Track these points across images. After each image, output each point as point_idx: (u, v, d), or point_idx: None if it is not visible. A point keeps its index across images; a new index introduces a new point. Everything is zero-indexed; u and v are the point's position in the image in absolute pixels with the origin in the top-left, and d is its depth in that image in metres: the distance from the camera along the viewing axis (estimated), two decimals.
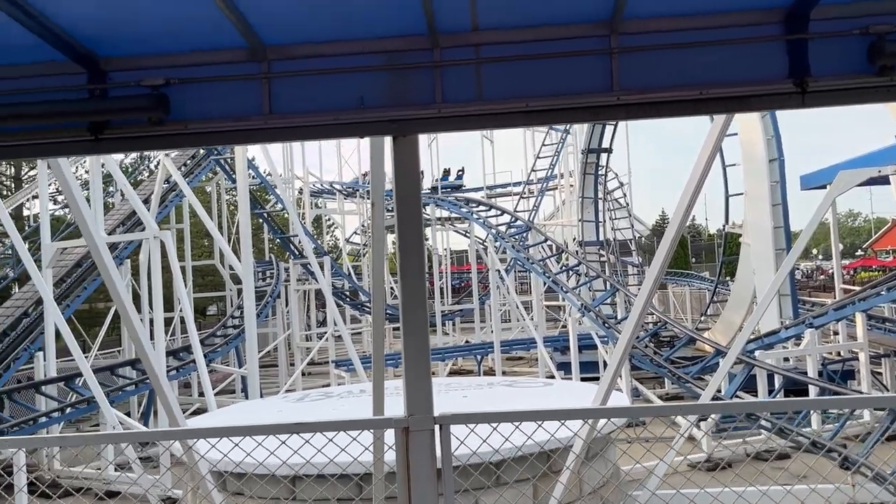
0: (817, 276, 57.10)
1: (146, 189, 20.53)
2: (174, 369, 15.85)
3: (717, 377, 9.46)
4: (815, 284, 46.50)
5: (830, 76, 3.17)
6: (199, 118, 3.36)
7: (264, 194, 31.32)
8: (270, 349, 24.96)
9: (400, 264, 3.39)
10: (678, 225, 6.06)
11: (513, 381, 13.12)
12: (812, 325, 14.05)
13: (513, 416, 3.37)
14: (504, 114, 3.34)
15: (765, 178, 18.64)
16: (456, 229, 32.51)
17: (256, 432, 3.31)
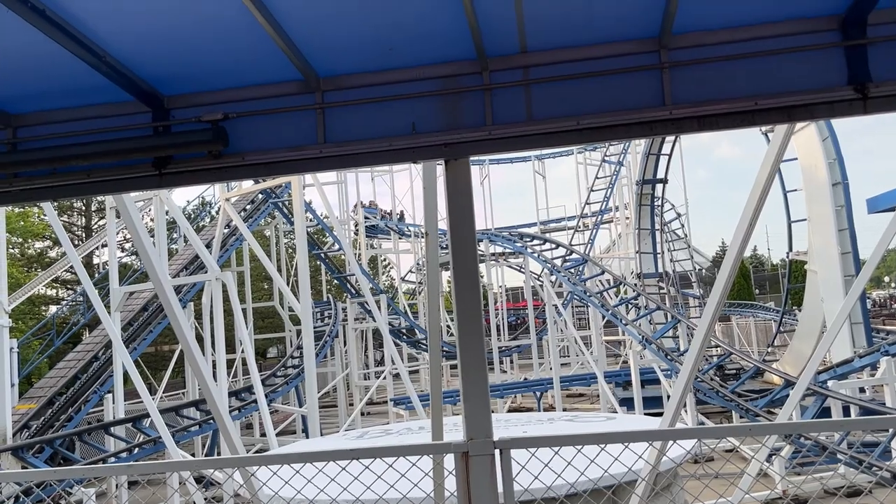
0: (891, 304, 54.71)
1: (208, 234, 21.14)
2: (236, 409, 16.08)
3: (787, 407, 9.09)
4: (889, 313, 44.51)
5: (892, 80, 3.08)
6: (256, 150, 3.47)
7: (321, 236, 31.87)
8: (329, 389, 25.11)
9: (455, 285, 3.39)
10: (738, 250, 5.91)
11: (574, 415, 12.86)
12: (888, 352, 13.40)
13: (575, 440, 3.29)
14: (555, 133, 3.34)
15: (829, 202, 18.08)
16: (510, 265, 32.37)
17: (316, 459, 3.31)
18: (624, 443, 3.24)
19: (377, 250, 34.87)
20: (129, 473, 3.18)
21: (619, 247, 31.81)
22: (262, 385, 16.03)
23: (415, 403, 15.14)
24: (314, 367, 14.02)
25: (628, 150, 30.65)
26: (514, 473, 3.30)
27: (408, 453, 3.33)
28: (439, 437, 4.67)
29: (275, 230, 27.79)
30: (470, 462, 3.25)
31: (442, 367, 13.68)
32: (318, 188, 18.37)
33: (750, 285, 53.90)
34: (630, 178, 29.88)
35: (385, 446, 3.33)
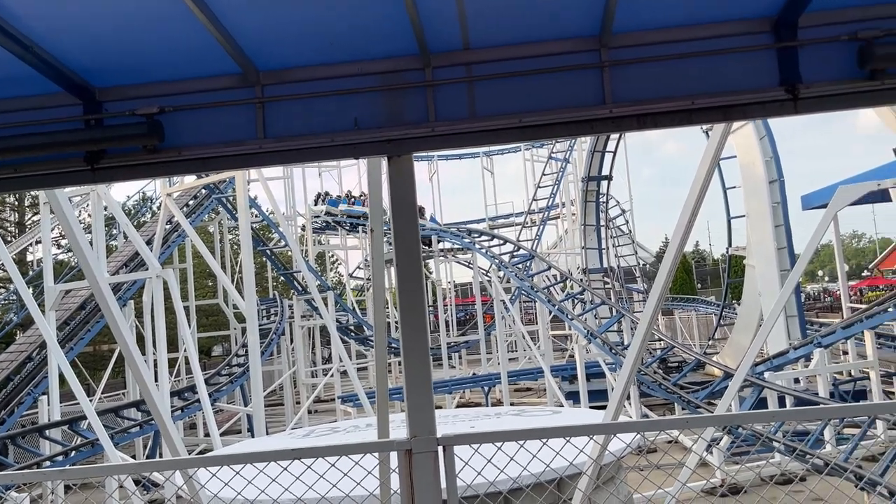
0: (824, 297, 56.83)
1: (149, 230, 20.62)
2: (179, 409, 15.73)
3: (725, 398, 9.35)
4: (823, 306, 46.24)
5: (821, 82, 3.18)
6: (193, 144, 3.38)
7: (267, 232, 31.44)
8: (276, 387, 24.79)
9: (398, 281, 3.37)
10: (678, 246, 6.03)
11: (520, 410, 12.97)
12: (821, 344, 13.91)
13: (518, 435, 3.31)
14: (498, 130, 3.35)
15: (765, 199, 18.66)
16: (458, 261, 32.49)
17: (257, 459, 3.26)
18: (565, 437, 3.28)
19: (325, 246, 34.56)
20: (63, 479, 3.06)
21: (566, 242, 32.26)
22: (206, 384, 15.73)
23: (362, 401, 15.07)
24: (259, 365, 13.82)
25: (574, 148, 31.08)
26: (457, 470, 3.31)
27: (350, 452, 3.31)
28: (385, 434, 4.64)
29: (219, 226, 27.28)
30: (413, 459, 3.24)
31: (389, 363, 13.68)
32: (262, 183, 18.10)
33: (692, 280, 55.29)
34: (576, 175, 30.31)
35: (327, 445, 3.29)
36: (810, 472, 10.24)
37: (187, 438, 18.46)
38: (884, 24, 3.05)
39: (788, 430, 11.83)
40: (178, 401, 16.45)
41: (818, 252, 38.51)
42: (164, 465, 3.62)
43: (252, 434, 15.37)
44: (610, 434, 4.44)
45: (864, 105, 3.32)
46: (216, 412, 17.81)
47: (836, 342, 14.67)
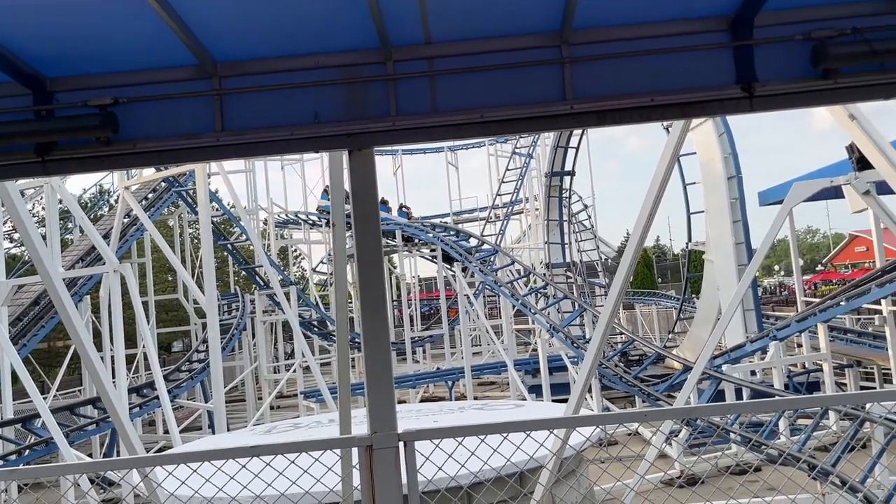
0: (780, 291, 58.13)
1: (106, 224, 20.17)
2: (137, 406, 15.45)
3: (684, 391, 9.51)
4: (779, 300, 47.29)
5: (776, 80, 3.24)
6: (149, 137, 3.31)
7: (228, 226, 31.03)
8: (237, 383, 24.51)
9: (359, 276, 3.35)
10: (638, 240, 6.11)
11: (483, 404, 13.04)
12: (776, 337, 14.22)
13: (478, 430, 3.31)
14: (459, 125, 3.34)
15: (724, 195, 19.01)
16: (423, 255, 32.48)
17: (215, 457, 3.21)
18: (525, 431, 3.29)
19: (287, 241, 34.23)
20: (14, 479, 2.97)
21: (529, 237, 32.44)
22: (166, 380, 15.46)
23: (325, 396, 14.98)
24: (220, 360, 13.63)
25: (538, 143, 31.24)
26: (418, 465, 3.30)
27: (310, 449, 3.28)
28: (347, 430, 4.61)
29: (179, 220, 26.82)
30: (374, 456, 3.23)
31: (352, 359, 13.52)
32: (223, 177, 17.83)
33: (653, 274, 56.09)
34: (539, 171, 30.49)
35: (286, 442, 3.26)
36: (765, 463, 10.48)
37: (146, 436, 18.14)
38: (837, 24, 3.12)
39: (744, 422, 12.07)
40: (137, 398, 16.15)
41: (774, 247, 39.42)
42: (119, 463, 3.55)
43: (213, 431, 15.16)
44: (570, 427, 4.48)
45: (817, 104, 3.39)
46: (176, 409, 17.55)
47: (791, 335, 15.00)
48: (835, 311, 14.07)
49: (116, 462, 3.53)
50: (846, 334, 17.45)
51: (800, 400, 4.65)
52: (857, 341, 16.74)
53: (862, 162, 9.25)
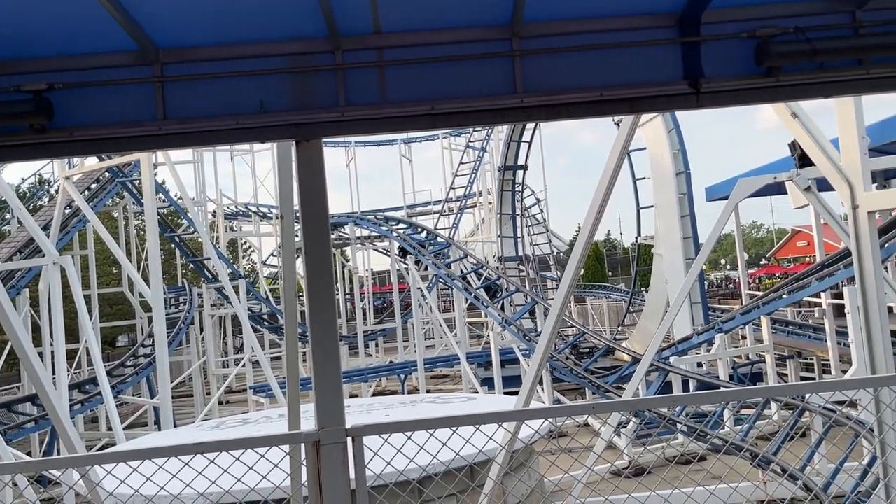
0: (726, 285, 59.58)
1: (46, 215, 19.52)
2: (78, 403, 15.02)
3: (632, 383, 9.67)
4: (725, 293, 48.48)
5: (722, 77, 3.28)
6: (86, 124, 3.18)
7: (176, 218, 30.34)
8: (185, 378, 24.05)
9: (307, 269, 3.29)
10: (588, 234, 6.16)
11: (435, 397, 13.06)
12: (721, 329, 14.57)
13: (427, 424, 3.30)
14: (409, 116, 3.30)
15: (673, 190, 19.37)
16: (376, 248, 32.34)
17: (156, 455, 3.12)
18: (474, 425, 3.28)
19: (237, 233, 33.68)
20: None
21: (482, 231, 32.58)
22: (110, 376, 15.09)
23: (275, 391, 14.80)
24: (167, 355, 13.35)
25: (491, 137, 31.36)
26: (367, 460, 3.27)
27: (255, 445, 3.21)
28: (296, 425, 4.54)
29: (123, 211, 26.14)
30: (321, 451, 3.18)
31: (301, 353, 13.37)
32: (169, 167, 17.43)
33: (603, 268, 56.97)
34: (493, 164, 30.62)
35: (231, 439, 3.19)
36: (710, 452, 10.75)
37: (88, 433, 17.67)
38: (780, 23, 3.17)
39: (690, 413, 12.36)
40: (79, 394, 15.71)
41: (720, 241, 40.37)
42: (57, 463, 3.42)
43: (159, 427, 14.84)
44: (520, 421, 4.50)
45: (761, 101, 3.45)
46: (120, 405, 17.11)
47: (736, 328, 15.40)
48: (777, 304, 14.49)
49: (54, 462, 3.41)
50: (788, 326, 17.99)
51: (743, 391, 4.77)
52: (798, 333, 17.27)
53: (804, 159, 9.51)
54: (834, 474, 8.96)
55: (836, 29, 3.21)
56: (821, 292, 13.61)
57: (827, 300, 13.68)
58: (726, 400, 10.72)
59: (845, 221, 6.23)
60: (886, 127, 14.56)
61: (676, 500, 4.06)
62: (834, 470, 9.10)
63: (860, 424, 8.98)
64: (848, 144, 5.13)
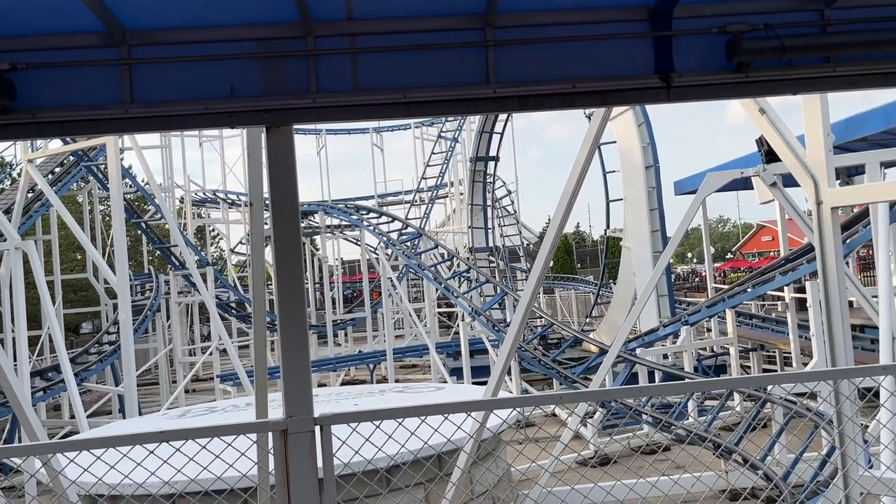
0: (693, 278, 60.41)
1: (7, 198, 19.07)
2: (41, 391, 14.76)
3: (599, 374, 9.77)
4: (691, 286, 49.17)
5: (693, 72, 3.31)
6: (50, 106, 3.11)
7: (143, 204, 29.86)
8: (151, 366, 23.74)
9: (275, 257, 3.26)
10: (558, 226, 6.20)
11: (404, 387, 13.07)
12: (688, 322, 14.79)
13: (395, 413, 3.30)
14: (382, 105, 3.28)
15: (642, 183, 19.56)
16: (346, 237, 32.17)
17: (120, 443, 3.07)
18: (443, 414, 3.29)
19: (205, 220, 33.26)
20: None
21: (453, 221, 32.59)
22: (74, 363, 14.85)
23: (242, 380, 14.68)
24: (132, 343, 13.16)
25: (463, 128, 31.34)
26: (335, 449, 3.26)
27: (222, 433, 3.18)
28: (264, 414, 4.52)
29: (88, 196, 25.64)
30: (289, 440, 3.16)
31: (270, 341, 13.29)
32: (136, 152, 17.13)
33: (572, 260, 57.36)
34: (465, 155, 30.62)
35: (197, 427, 3.15)
36: (674, 443, 10.92)
37: (51, 421, 17.38)
38: (750, 20, 3.21)
39: (656, 403, 12.54)
40: (41, 381, 15.42)
41: (688, 235, 40.90)
42: (17, 451, 3.36)
43: (124, 415, 14.64)
44: (488, 410, 4.52)
45: (730, 96, 3.49)
46: (84, 393, 16.85)
47: (702, 320, 15.64)
48: (742, 298, 14.75)
49: (15, 449, 3.35)
50: (752, 319, 18.34)
51: (708, 382, 4.85)
52: (762, 326, 17.62)
53: (770, 155, 9.66)
54: (794, 464, 9.17)
55: (805, 27, 3.25)
56: (784, 286, 13.87)
57: (790, 294, 13.95)
58: (691, 391, 10.90)
59: (809, 217, 6.36)
60: (851, 125, 14.87)
61: (641, 489, 4.12)
62: (794, 460, 9.31)
63: (819, 416, 9.20)
64: (813, 141, 5.22)
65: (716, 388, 10.97)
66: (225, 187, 31.88)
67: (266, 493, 4.29)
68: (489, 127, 26.66)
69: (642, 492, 4.15)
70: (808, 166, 5.21)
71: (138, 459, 3.20)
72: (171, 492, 5.88)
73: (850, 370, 3.80)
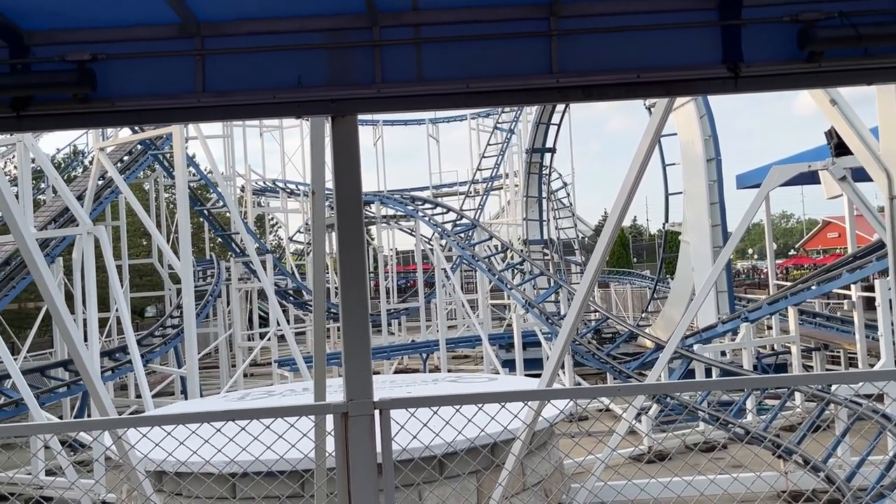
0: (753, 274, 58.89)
1: (80, 185, 19.85)
2: (109, 370, 15.36)
3: (655, 369, 9.65)
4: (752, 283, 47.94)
5: (762, 62, 3.24)
6: (127, 96, 3.24)
7: (205, 192, 30.68)
8: (211, 350, 24.42)
9: (339, 245, 3.33)
10: (616, 219, 6.13)
11: (457, 376, 13.14)
12: (747, 318, 14.44)
13: (453, 400, 3.34)
14: (445, 95, 3.31)
15: (703, 177, 19.14)
16: (401, 228, 32.42)
17: (189, 420, 3.20)
18: (500, 402, 3.32)
19: (265, 209, 33.96)
20: None
21: (508, 213, 32.49)
22: (139, 345, 15.38)
23: (299, 365, 14.99)
24: (194, 326, 13.57)
25: (520, 119, 31.16)
26: (393, 434, 3.33)
27: (286, 414, 3.28)
28: (322, 397, 4.62)
29: (154, 184, 26.47)
30: (349, 423, 3.24)
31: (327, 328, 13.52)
32: (201, 141, 17.59)
33: (629, 254, 56.58)
34: (520, 147, 30.45)
35: (262, 407, 3.27)
36: (732, 441, 10.70)
37: (118, 400, 18.07)
38: (824, 7, 3.12)
39: (713, 400, 12.30)
40: (109, 361, 16.05)
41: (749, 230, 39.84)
42: (92, 424, 3.53)
43: (186, 396, 15.13)
44: (544, 400, 4.53)
45: (801, 86, 3.41)
46: (148, 374, 17.44)
47: (762, 317, 15.25)
48: (805, 295, 14.32)
49: (89, 423, 3.52)
50: (815, 318, 17.77)
51: (767, 379, 4.75)
52: (826, 325, 17.05)
53: (840, 148, 9.33)
54: (858, 465, 8.89)
55: (882, 14, 3.14)
56: (851, 284, 13.40)
57: (857, 292, 13.48)
58: (750, 387, 10.66)
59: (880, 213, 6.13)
60: None
61: (699, 485, 4.07)
62: (858, 462, 9.03)
63: (887, 419, 8.90)
64: (888, 133, 5.04)
65: (776, 386, 10.68)
66: (284, 177, 32.47)
67: (324, 476, 4.40)
68: (546, 118, 26.42)
69: (700, 488, 4.10)
70: (882, 159, 5.03)
71: (204, 437, 3.33)
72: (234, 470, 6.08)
73: None
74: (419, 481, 4.05)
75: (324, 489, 4.56)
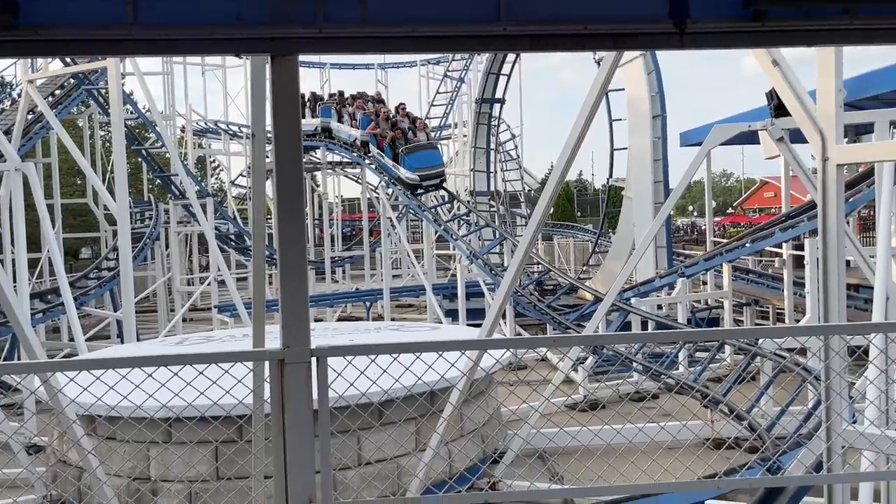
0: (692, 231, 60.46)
1: (7, 119, 18.90)
2: (40, 312, 14.91)
3: (593, 321, 9.86)
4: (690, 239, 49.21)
5: (708, 19, 3.24)
6: (53, 24, 3.04)
7: (144, 132, 29.60)
8: (149, 293, 23.93)
9: (277, 188, 3.25)
10: (561, 171, 6.18)
11: (400, 325, 13.22)
12: (684, 274, 14.87)
13: (391, 348, 3.34)
14: (389, 38, 3.22)
15: (647, 133, 19.39)
16: (347, 175, 32.01)
17: (119, 365, 3.13)
18: (438, 351, 3.34)
19: (206, 150, 33.04)
20: None
21: (455, 164, 32.39)
22: (73, 287, 14.97)
23: (240, 311, 14.82)
24: (131, 269, 13.24)
25: (470, 68, 30.84)
26: (330, 381, 3.32)
27: (221, 360, 3.24)
28: (261, 344, 4.58)
29: (89, 120, 25.40)
30: (285, 370, 3.22)
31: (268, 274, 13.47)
32: (138, 77, 16.87)
33: (573, 207, 57.27)
34: (470, 96, 30.21)
35: (197, 353, 3.21)
36: (662, 391, 11.11)
37: (49, 342, 17.59)
38: None
39: (647, 352, 12.71)
40: (40, 303, 15.58)
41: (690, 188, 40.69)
42: (16, 367, 3.42)
43: (122, 340, 14.84)
44: (482, 350, 4.58)
45: (745, 45, 3.43)
46: (83, 317, 17.02)
47: (698, 273, 15.72)
48: (739, 252, 14.81)
49: (14, 366, 3.41)
50: (748, 274, 18.41)
51: (698, 332, 4.91)
52: (758, 281, 17.70)
53: (779, 109, 9.54)
54: (779, 416, 9.36)
55: None
56: (783, 243, 13.90)
57: (788, 251, 13.99)
58: (683, 340, 11.04)
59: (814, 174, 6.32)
60: (863, 82, 14.64)
61: (628, 433, 4.21)
62: (779, 412, 9.50)
63: (807, 371, 9.35)
64: (824, 95, 5.15)
65: (706, 339, 11.08)
66: (227, 118, 31.53)
67: (261, 421, 4.39)
68: (497, 68, 26.21)
69: (629, 436, 4.24)
70: (817, 121, 5.15)
71: (136, 382, 3.26)
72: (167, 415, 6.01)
73: (843, 326, 3.85)
74: (355, 428, 4.09)
75: (261, 435, 4.56)
